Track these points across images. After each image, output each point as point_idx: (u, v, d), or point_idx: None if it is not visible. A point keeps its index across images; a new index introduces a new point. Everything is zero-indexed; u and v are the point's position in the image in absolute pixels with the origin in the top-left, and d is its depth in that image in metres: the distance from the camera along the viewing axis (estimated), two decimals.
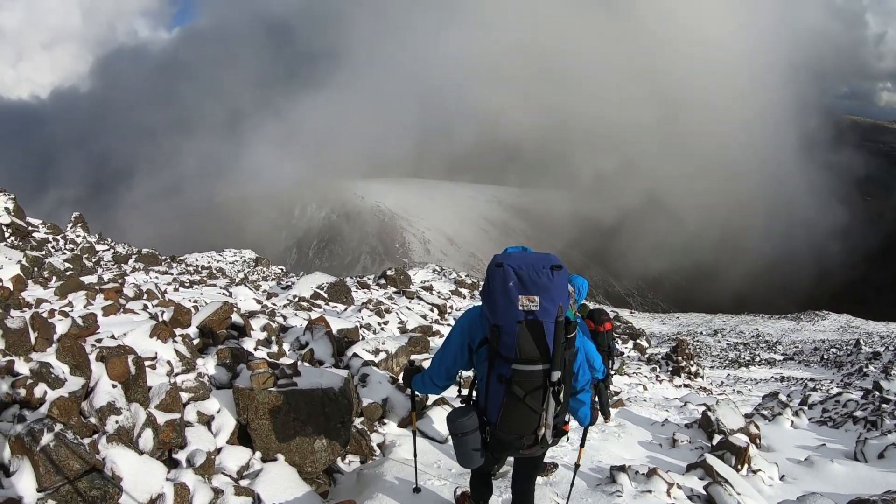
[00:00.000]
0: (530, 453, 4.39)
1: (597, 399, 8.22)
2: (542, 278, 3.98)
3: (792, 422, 13.37)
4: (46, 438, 4.73)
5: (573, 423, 5.13)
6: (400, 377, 9.93)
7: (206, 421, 6.53)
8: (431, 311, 20.40)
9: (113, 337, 6.84)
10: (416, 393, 5.36)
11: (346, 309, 16.80)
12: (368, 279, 26.00)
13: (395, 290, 23.03)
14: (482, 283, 4.64)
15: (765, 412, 14.36)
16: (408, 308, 19.12)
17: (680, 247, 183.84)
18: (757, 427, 11.30)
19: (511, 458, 5.27)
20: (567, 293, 4.12)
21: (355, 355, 9.97)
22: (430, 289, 25.91)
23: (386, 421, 8.79)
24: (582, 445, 5.56)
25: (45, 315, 6.71)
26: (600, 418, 8.36)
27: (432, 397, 9.60)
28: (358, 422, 8.27)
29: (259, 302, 14.88)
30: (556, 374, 3.99)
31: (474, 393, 4.52)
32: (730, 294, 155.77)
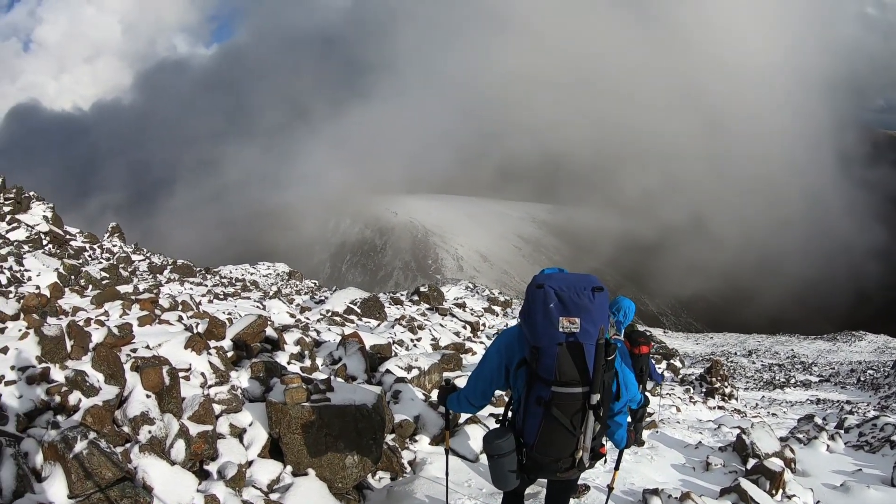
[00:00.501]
0: (567, 476, 4.32)
1: (630, 421, 8.09)
2: (583, 300, 3.91)
3: (828, 446, 13.04)
4: (80, 446, 4.74)
5: (608, 445, 5.04)
6: (432, 394, 9.87)
7: (238, 433, 6.52)
8: (464, 328, 20.33)
9: (148, 347, 6.87)
10: (451, 412, 5.29)
11: (378, 325, 16.80)
12: (401, 295, 25.99)
13: (427, 306, 22.99)
14: (520, 303, 4.56)
15: (800, 436, 14.04)
16: (440, 325, 19.07)
17: (718, 270, 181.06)
18: (792, 451, 11.03)
19: (543, 479, 5.18)
20: (607, 315, 4.01)
21: (388, 371, 9.92)
22: (462, 306, 25.84)
23: (417, 438, 8.71)
24: (616, 468, 5.46)
25: (81, 323, 6.77)
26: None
27: (464, 415, 9.52)
28: (389, 438, 8.21)
29: (292, 316, 14.94)
30: (596, 398, 3.93)
31: (510, 413, 4.46)
32: (765, 314, 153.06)
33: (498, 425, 4.52)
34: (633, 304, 8.45)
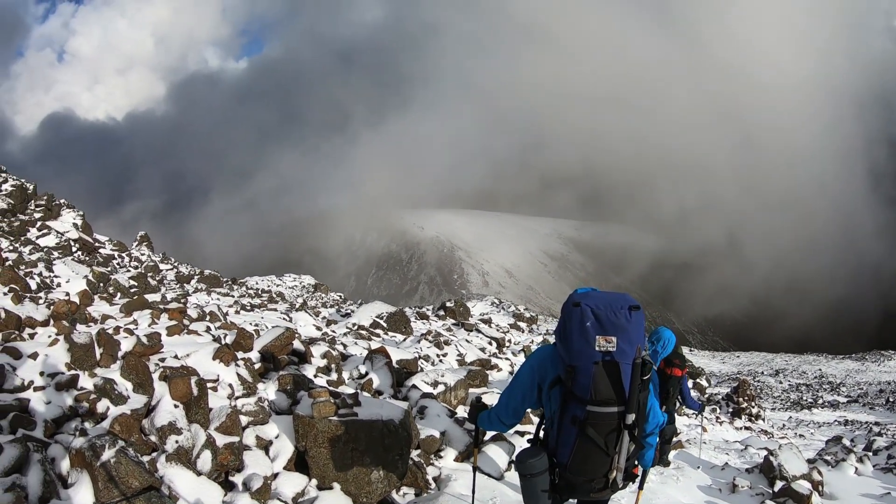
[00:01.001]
0: (599, 497, 4.23)
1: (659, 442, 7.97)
2: (619, 318, 3.86)
3: (856, 468, 12.82)
4: (108, 454, 4.73)
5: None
6: (458, 410, 9.81)
7: (265, 446, 6.50)
8: (490, 344, 20.20)
9: (176, 357, 6.88)
10: (481, 429, 5.23)
11: (404, 339, 16.74)
12: (427, 310, 25.94)
13: (453, 321, 22.90)
14: (545, 320, 4.50)
15: (828, 458, 13.83)
16: (466, 340, 18.96)
17: (747, 290, 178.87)
18: (820, 473, 10.85)
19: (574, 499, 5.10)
20: (644, 334, 3.96)
21: (414, 387, 9.87)
22: (488, 322, 25.71)
23: (443, 454, 8.63)
24: (640, 488, 5.37)
25: (110, 331, 6.79)
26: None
27: (489, 432, 9.45)
28: (415, 454, 8.14)
29: (319, 329, 14.94)
30: (631, 417, 3.88)
31: (542, 432, 4.41)
32: (792, 333, 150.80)
33: (528, 444, 4.49)
34: (674, 336, 8.37)
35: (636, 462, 4.34)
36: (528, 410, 10.65)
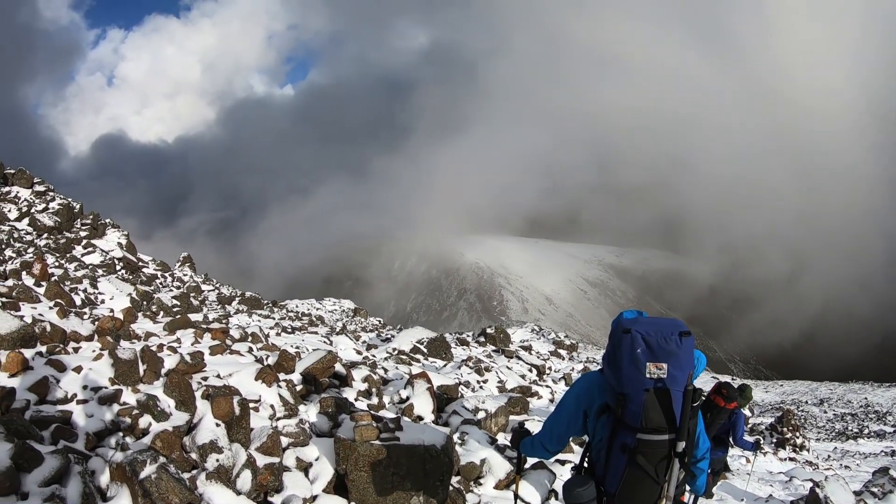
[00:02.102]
0: None
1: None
2: (670, 345, 3.77)
3: None
4: (149, 469, 4.72)
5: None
6: (498, 437, 9.69)
7: (304, 467, 6.44)
8: (530, 371, 20.06)
9: (219, 376, 6.88)
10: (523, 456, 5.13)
11: (445, 365, 16.66)
12: (468, 336, 25.85)
13: (493, 348, 22.80)
14: (586, 347, 4.40)
15: (875, 489, 13.45)
16: (507, 367, 18.84)
17: (798, 325, 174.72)
18: None
19: None
20: (693, 360, 3.85)
21: (455, 412, 9.77)
22: (529, 348, 25.56)
23: (482, 481, 8.50)
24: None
25: (154, 349, 6.81)
26: None
27: (530, 459, 9.32)
28: (455, 480, 8.02)
29: (359, 353, 14.94)
30: (682, 445, 3.77)
31: (586, 461, 4.28)
32: (837, 361, 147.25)
33: (572, 473, 4.42)
34: (705, 358, 8.33)
35: (685, 490, 4.26)
36: (571, 439, 10.52)
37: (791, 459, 20.45)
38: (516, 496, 5.61)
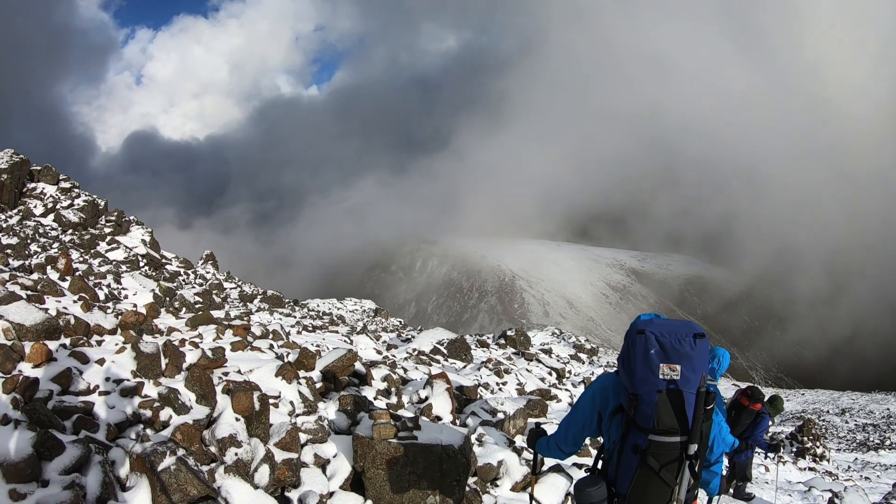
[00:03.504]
0: None
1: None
2: (684, 346, 3.76)
3: None
4: (168, 461, 4.79)
5: (701, 495, 4.85)
6: (516, 439, 9.68)
7: (322, 464, 6.47)
8: (550, 374, 20.01)
9: (239, 372, 6.93)
10: (539, 456, 5.14)
11: (465, 366, 16.68)
12: (488, 338, 25.84)
13: (514, 350, 22.76)
14: (606, 352, 4.44)
15: (894, 502, 13.38)
16: (527, 370, 18.82)
17: (823, 347, 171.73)
18: None
19: None
20: (708, 363, 3.87)
21: (473, 413, 9.80)
22: (549, 352, 25.51)
23: (499, 483, 8.49)
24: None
25: (176, 343, 6.86)
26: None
27: (548, 462, 9.31)
28: (471, 481, 8.02)
29: (379, 353, 14.97)
30: (694, 447, 3.76)
31: (600, 462, 4.30)
32: (859, 370, 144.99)
33: (586, 474, 4.36)
34: (728, 354, 8.38)
35: (696, 494, 4.17)
36: (587, 441, 10.49)
37: (811, 469, 20.27)
38: (532, 497, 5.61)
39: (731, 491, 12.38)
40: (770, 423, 10.65)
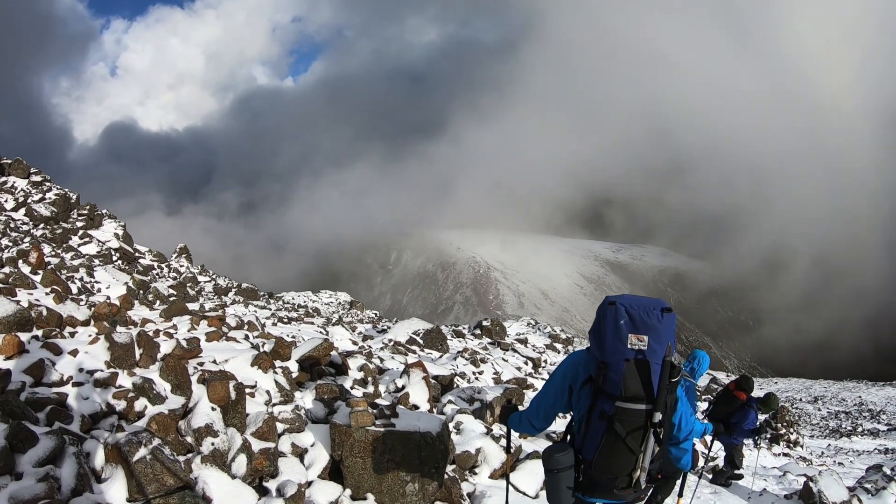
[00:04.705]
0: (622, 496, 4.25)
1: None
2: (652, 319, 3.99)
3: None
4: (143, 451, 4.75)
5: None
6: (493, 427, 9.71)
7: (300, 453, 6.44)
8: (526, 364, 20.06)
9: (215, 362, 6.88)
10: (513, 433, 5.25)
11: (441, 356, 16.67)
12: (464, 328, 25.86)
13: (489, 340, 22.80)
14: (581, 342, 4.58)
15: (868, 486, 13.56)
16: (503, 359, 18.85)
17: (803, 336, 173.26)
18: (860, 501, 10.68)
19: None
20: (674, 335, 4.08)
21: (450, 402, 9.81)
22: (524, 342, 25.57)
23: (477, 471, 8.52)
24: (680, 495, 5.32)
25: (150, 334, 6.80)
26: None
27: (526, 448, 9.37)
28: (450, 469, 8.03)
29: (355, 343, 14.94)
30: (658, 416, 3.96)
31: (570, 434, 4.48)
32: (832, 361, 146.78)
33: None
34: (707, 356, 8.94)
35: (659, 469, 4.36)
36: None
37: (785, 455, 20.53)
38: (507, 475, 5.65)
39: (711, 476, 12.61)
40: (757, 419, 10.97)
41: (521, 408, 6.41)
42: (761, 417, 20.82)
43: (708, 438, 16.56)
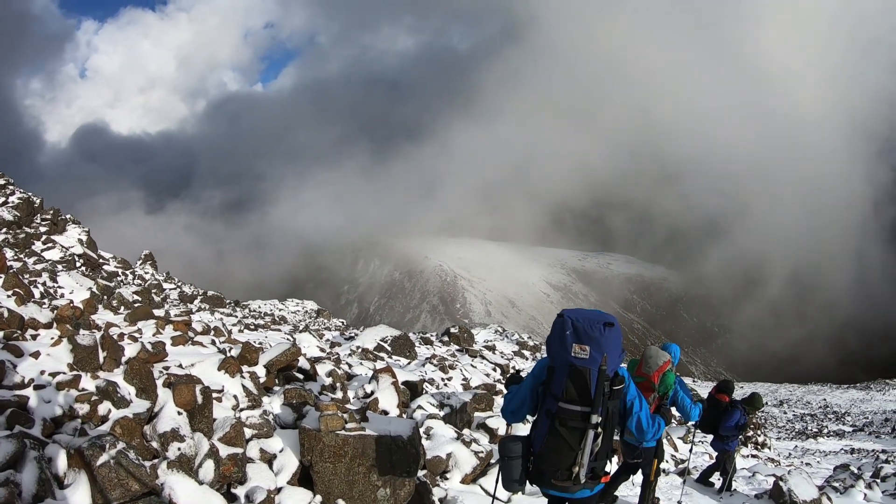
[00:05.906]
0: (563, 487, 4.73)
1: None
2: (594, 331, 4.52)
3: (865, 494, 12.85)
4: (108, 455, 4.63)
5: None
6: (464, 432, 9.67)
7: (269, 459, 6.33)
8: (494, 370, 20.07)
9: (181, 366, 6.74)
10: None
11: (409, 363, 16.59)
12: (432, 336, 25.80)
13: (458, 347, 22.76)
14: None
15: (836, 484, 13.81)
16: (471, 366, 18.83)
17: (779, 347, 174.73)
18: (829, 499, 10.81)
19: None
20: (619, 349, 4.62)
21: (420, 408, 9.75)
22: (492, 348, 25.62)
23: (449, 476, 8.47)
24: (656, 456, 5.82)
25: (115, 337, 6.65)
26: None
27: (497, 454, 9.35)
28: (421, 474, 7.95)
29: (322, 350, 14.78)
30: (595, 418, 4.47)
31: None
32: (796, 364, 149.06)
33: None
34: (678, 348, 9.01)
35: (607, 470, 4.87)
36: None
37: (753, 456, 20.76)
38: (501, 443, 5.68)
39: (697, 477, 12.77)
40: (744, 417, 11.07)
41: (491, 419, 6.53)
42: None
43: (687, 447, 16.67)
